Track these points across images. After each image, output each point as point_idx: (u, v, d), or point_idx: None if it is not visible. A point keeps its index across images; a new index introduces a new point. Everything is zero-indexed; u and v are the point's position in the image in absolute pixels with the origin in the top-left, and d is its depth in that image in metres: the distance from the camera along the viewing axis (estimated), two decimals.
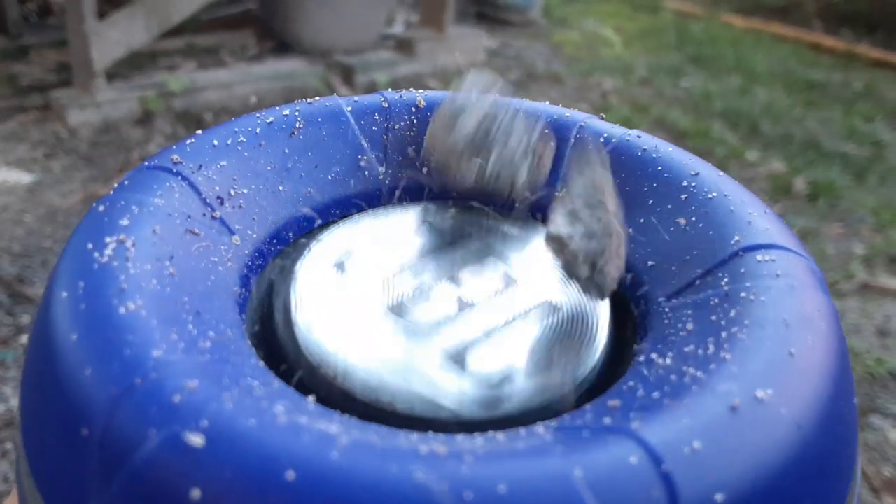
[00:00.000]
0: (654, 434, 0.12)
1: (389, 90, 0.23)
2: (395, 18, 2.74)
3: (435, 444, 0.12)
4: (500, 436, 0.13)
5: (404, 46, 2.40)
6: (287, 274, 0.18)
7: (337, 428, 0.12)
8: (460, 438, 0.12)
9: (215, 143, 0.19)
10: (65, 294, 0.15)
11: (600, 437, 0.12)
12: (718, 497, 0.12)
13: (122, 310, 0.14)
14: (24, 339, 1.18)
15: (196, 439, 0.12)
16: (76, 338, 0.14)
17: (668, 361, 0.15)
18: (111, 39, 1.86)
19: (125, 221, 0.16)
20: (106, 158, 1.72)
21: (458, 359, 0.16)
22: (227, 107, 2.01)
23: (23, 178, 1.63)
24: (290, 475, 0.12)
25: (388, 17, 2.60)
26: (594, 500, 0.11)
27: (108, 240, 0.16)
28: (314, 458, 0.12)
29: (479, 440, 0.12)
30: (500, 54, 2.65)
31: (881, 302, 1.40)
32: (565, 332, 0.17)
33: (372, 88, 2.20)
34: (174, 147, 0.19)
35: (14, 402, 1.06)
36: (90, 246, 0.16)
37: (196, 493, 0.11)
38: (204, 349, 0.14)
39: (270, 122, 0.20)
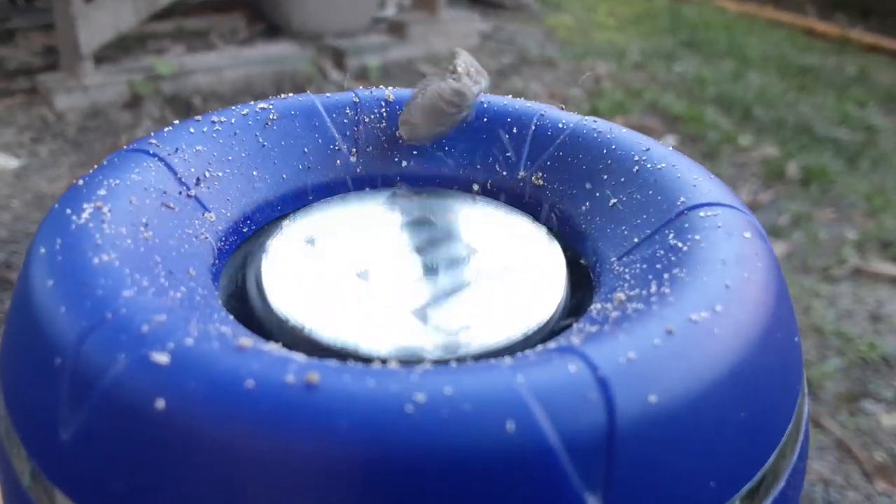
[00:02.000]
0: (592, 349, 0.14)
1: (361, 88, 0.24)
2: (387, 1, 2.71)
3: (390, 365, 0.13)
4: (453, 363, 0.14)
5: (396, 30, 2.38)
6: (260, 248, 0.19)
7: (297, 357, 0.13)
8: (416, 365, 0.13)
9: (192, 130, 0.21)
10: (43, 250, 0.16)
11: (544, 355, 0.14)
12: (652, 398, 0.13)
13: (95, 260, 0.15)
14: None
15: (161, 358, 0.13)
16: (52, 283, 0.15)
17: (615, 304, 0.16)
18: (99, 22, 1.83)
19: (102, 192, 0.18)
20: (94, 143, 1.70)
21: (420, 314, 0.17)
22: (217, 91, 1.99)
23: (9, 162, 1.61)
24: (250, 383, 0.12)
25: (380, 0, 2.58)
26: (532, 397, 0.12)
27: (85, 206, 0.17)
28: (273, 371, 0.13)
29: (429, 366, 0.13)
30: (492, 38, 2.63)
31: (873, 287, 1.40)
32: (524, 287, 0.18)
33: (363, 72, 2.18)
34: (153, 134, 0.21)
35: None
36: (68, 211, 0.17)
37: (160, 403, 0.12)
38: (174, 297, 0.15)
39: (245, 114, 0.22)
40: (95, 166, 0.19)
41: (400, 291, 0.18)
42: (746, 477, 0.14)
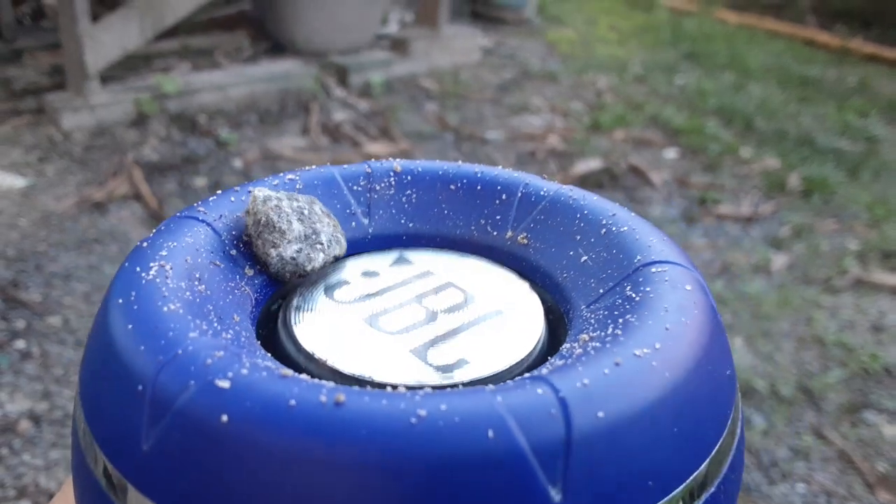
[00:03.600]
0: (556, 376, 0.18)
1: (374, 159, 0.28)
2: (390, 18, 2.74)
3: (400, 391, 0.18)
4: (448, 390, 0.18)
5: (399, 46, 2.41)
6: (288, 298, 0.23)
7: (327, 383, 0.17)
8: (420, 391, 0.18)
9: (232, 199, 0.25)
10: (120, 300, 0.20)
11: (519, 382, 0.18)
12: (601, 413, 0.17)
13: (164, 309, 0.19)
14: (20, 343, 1.18)
15: (223, 384, 0.17)
16: (131, 327, 0.19)
17: (580, 343, 0.20)
18: (105, 42, 1.86)
19: (164, 252, 0.22)
20: (100, 162, 1.72)
21: (419, 353, 0.21)
22: (222, 109, 2.01)
23: (17, 182, 1.63)
24: (292, 403, 0.16)
25: (383, 16, 2.60)
26: (507, 412, 0.16)
27: (151, 264, 0.21)
28: (309, 394, 0.17)
29: (430, 391, 0.18)
30: (494, 53, 2.65)
31: (875, 297, 1.41)
32: (509, 330, 0.22)
33: (366, 89, 2.20)
34: (200, 202, 0.25)
35: (9, 408, 1.06)
36: (137, 269, 0.21)
37: (224, 418, 0.16)
38: (226, 338, 0.19)
39: (276, 185, 0.26)
40: (155, 230, 0.24)
41: (405, 334, 0.22)
42: (680, 479, 0.18)
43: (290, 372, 0.18)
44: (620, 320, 0.20)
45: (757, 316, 1.33)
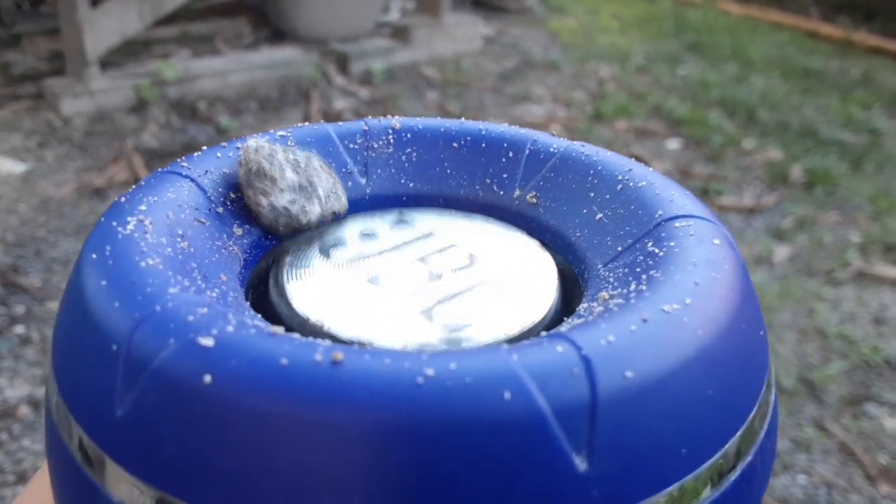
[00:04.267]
0: (577, 334, 0.16)
1: (369, 118, 0.27)
2: (391, 6, 2.72)
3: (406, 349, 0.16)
4: (451, 350, 0.17)
5: (400, 34, 2.39)
6: (281, 259, 0.22)
7: (323, 342, 0.16)
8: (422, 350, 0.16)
9: (219, 154, 0.23)
10: (94, 255, 0.18)
11: (536, 340, 0.16)
12: (629, 374, 0.15)
13: (142, 264, 0.18)
14: (19, 329, 1.18)
15: (206, 341, 0.15)
16: (105, 283, 0.17)
17: (599, 302, 0.19)
18: (104, 27, 1.85)
19: (143, 207, 0.20)
20: (100, 147, 1.71)
21: (427, 313, 0.19)
22: (222, 95, 2.00)
23: (16, 167, 1.62)
24: (284, 361, 0.15)
25: (384, 4, 2.59)
26: (525, 372, 0.15)
27: (129, 219, 0.20)
28: (302, 352, 0.15)
29: (435, 351, 0.16)
30: (496, 42, 2.64)
31: (877, 290, 1.40)
32: (520, 290, 0.21)
33: (367, 76, 2.19)
34: (184, 158, 0.23)
35: (9, 393, 1.06)
36: (114, 223, 0.19)
37: (208, 378, 0.15)
38: (211, 296, 0.18)
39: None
40: (133, 186, 0.22)
41: (408, 294, 0.20)
42: (715, 448, 0.17)
43: (280, 330, 0.16)
44: (644, 276, 0.19)
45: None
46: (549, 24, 2.88)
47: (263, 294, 0.21)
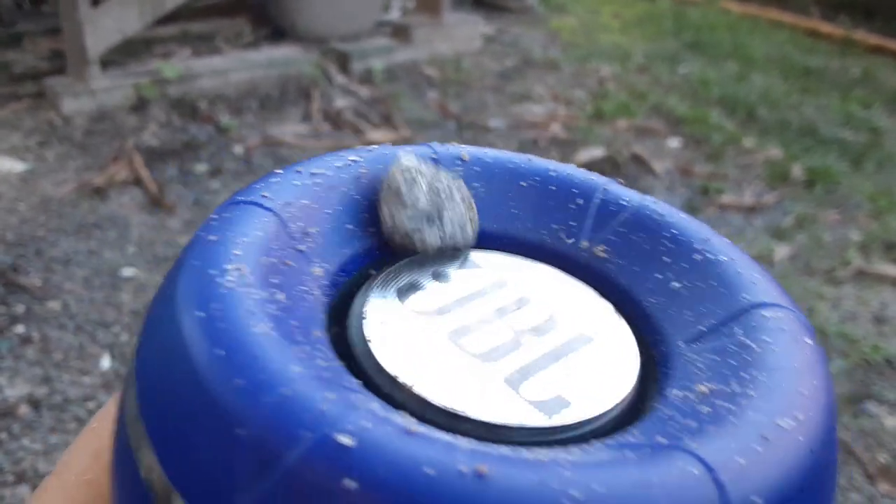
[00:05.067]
0: (706, 451, 0.15)
1: (435, 143, 0.26)
2: (391, 5, 2.72)
3: (536, 454, 0.15)
4: (575, 449, 0.16)
5: (400, 33, 2.39)
6: (358, 302, 0.20)
7: (461, 444, 0.15)
8: (551, 450, 0.16)
9: (297, 183, 0.22)
10: (201, 314, 0.17)
11: (663, 454, 0.15)
12: (757, 499, 0.15)
13: (256, 330, 0.16)
14: (19, 328, 1.18)
15: (346, 440, 0.14)
16: (224, 353, 0.16)
17: (697, 396, 0.18)
18: (105, 26, 1.85)
19: (238, 252, 0.19)
20: (100, 147, 1.72)
21: (512, 383, 0.18)
22: (223, 94, 2.00)
23: (16, 166, 1.62)
24: (430, 472, 0.14)
25: (385, 3, 2.59)
26: (664, 497, 0.14)
27: (226, 267, 0.18)
28: (447, 458, 0.14)
29: (564, 452, 0.15)
30: (496, 41, 2.64)
31: (878, 289, 1.40)
32: (602, 361, 0.20)
33: (368, 75, 2.19)
34: (260, 184, 0.21)
35: (9, 392, 1.06)
36: (211, 272, 0.18)
37: (350, 484, 0.14)
38: (321, 367, 0.16)
39: (339, 167, 0.23)
40: (215, 217, 0.20)
41: (492, 356, 0.19)
42: None
43: (416, 426, 0.15)
44: (745, 375, 0.18)
45: None
46: (550, 23, 2.88)
47: (341, 337, 0.20)
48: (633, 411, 0.19)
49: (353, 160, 0.23)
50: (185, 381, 0.17)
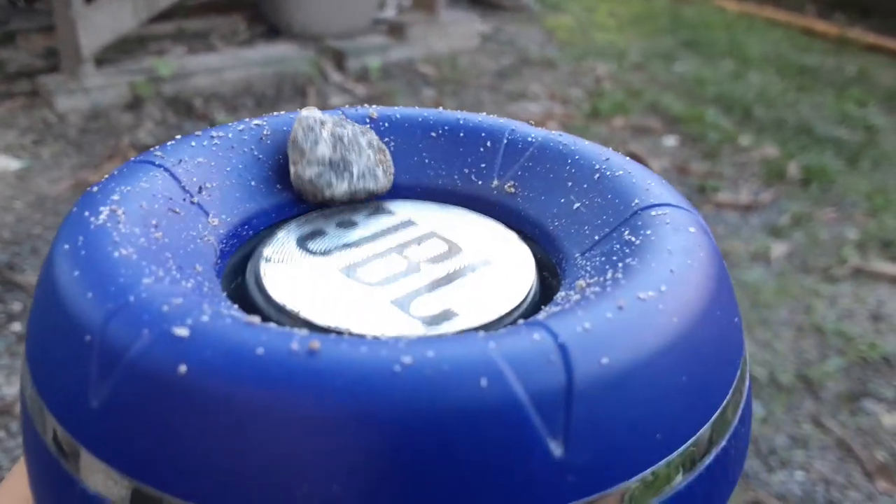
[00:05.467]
0: (554, 321, 0.16)
1: (346, 107, 0.27)
2: (387, 3, 2.72)
3: (381, 338, 0.16)
4: (435, 337, 0.16)
5: (396, 31, 2.39)
6: (257, 250, 0.22)
7: (299, 331, 0.16)
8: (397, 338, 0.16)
9: (193, 144, 0.23)
10: (66, 246, 0.18)
11: (513, 329, 0.16)
12: (605, 360, 0.15)
13: (115, 254, 0.18)
14: (15, 326, 1.17)
15: (181, 331, 0.15)
16: (78, 273, 0.17)
17: (576, 290, 0.19)
18: (99, 24, 1.84)
19: (116, 197, 0.20)
20: (95, 145, 1.71)
21: (403, 303, 0.19)
22: (218, 92, 1.99)
23: (11, 164, 1.61)
24: (260, 351, 0.15)
25: (380, 0, 2.58)
26: (502, 359, 0.15)
27: (101, 209, 0.19)
28: (279, 341, 0.15)
29: (412, 339, 0.16)
30: (492, 39, 2.63)
31: (874, 287, 1.41)
32: (498, 280, 0.21)
33: (364, 73, 2.18)
34: (157, 147, 0.23)
35: (6, 391, 1.06)
36: (86, 213, 0.19)
37: (182, 368, 0.15)
38: (186, 287, 0.17)
39: (241, 129, 0.24)
40: (105, 176, 0.22)
41: (384, 284, 0.20)
42: (689, 433, 0.17)
43: (256, 319, 0.16)
44: (620, 264, 0.19)
45: (756, 304, 1.33)
46: (546, 21, 2.88)
47: (240, 285, 0.21)
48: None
49: (256, 124, 0.25)
50: (50, 305, 0.18)
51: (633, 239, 0.20)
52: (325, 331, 0.18)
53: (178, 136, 0.24)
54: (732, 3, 3.16)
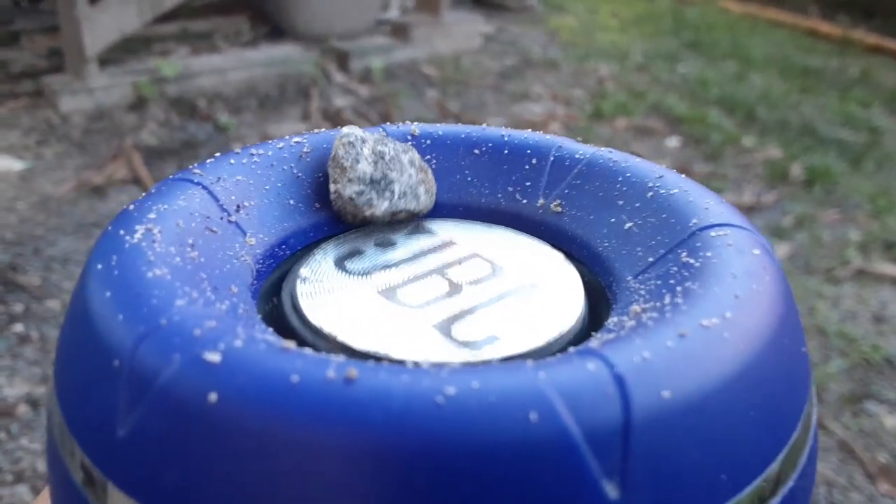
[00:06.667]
0: (609, 350, 0.15)
1: (389, 123, 0.26)
2: (391, 3, 2.72)
3: (422, 366, 0.15)
4: (479, 366, 0.15)
5: (400, 32, 2.39)
6: (294, 270, 0.21)
7: (336, 357, 0.15)
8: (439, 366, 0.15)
9: (232, 161, 0.22)
10: (99, 266, 0.18)
11: (564, 357, 0.15)
12: (666, 393, 0.14)
13: (149, 274, 0.17)
14: (17, 327, 1.17)
15: (213, 357, 0.14)
16: (109, 294, 0.16)
17: (631, 315, 0.17)
18: (103, 24, 1.84)
19: (152, 215, 0.19)
20: (99, 145, 1.71)
21: (442, 328, 0.18)
22: (221, 93, 2.00)
23: (14, 165, 1.61)
24: (295, 379, 0.14)
25: (384, 1, 2.59)
26: (553, 391, 0.14)
27: (136, 227, 0.19)
28: (314, 369, 0.14)
29: (454, 367, 0.15)
30: (495, 40, 2.63)
31: (877, 288, 1.40)
32: (544, 304, 0.19)
33: (367, 74, 2.18)
34: (196, 164, 0.22)
35: (8, 392, 1.06)
36: (121, 232, 0.19)
37: (213, 397, 0.14)
38: (220, 309, 0.17)
39: (281, 147, 0.24)
40: (146, 193, 0.21)
41: (424, 307, 0.19)
42: (756, 472, 0.15)
43: (292, 344, 0.15)
44: (679, 288, 0.18)
45: None
46: (549, 22, 2.88)
47: (276, 306, 0.20)
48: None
49: (296, 141, 0.24)
50: (80, 327, 0.17)
51: (693, 261, 0.19)
52: (363, 356, 0.17)
53: (218, 154, 0.23)
54: (736, 5, 3.16)
